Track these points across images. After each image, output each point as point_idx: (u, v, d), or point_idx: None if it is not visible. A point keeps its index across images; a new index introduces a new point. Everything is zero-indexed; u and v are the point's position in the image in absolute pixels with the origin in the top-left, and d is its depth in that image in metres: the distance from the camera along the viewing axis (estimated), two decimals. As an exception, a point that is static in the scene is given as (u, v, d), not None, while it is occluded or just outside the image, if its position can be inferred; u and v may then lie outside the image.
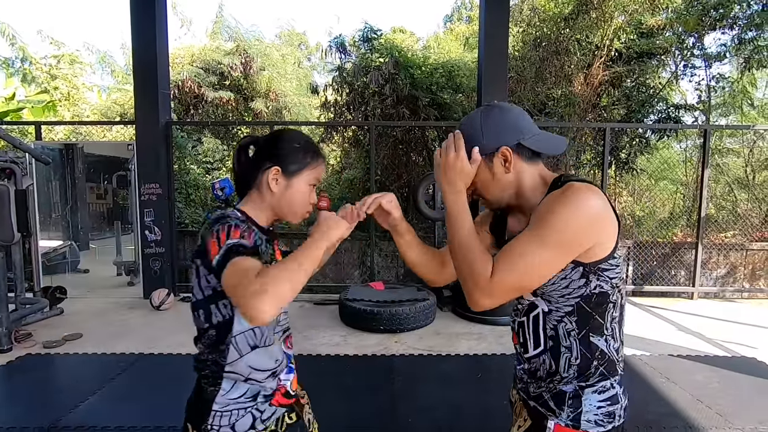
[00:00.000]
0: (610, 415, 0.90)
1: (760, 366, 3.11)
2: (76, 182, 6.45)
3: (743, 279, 5.20)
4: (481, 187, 0.96)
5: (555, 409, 0.92)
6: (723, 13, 6.64)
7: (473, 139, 0.92)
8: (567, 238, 0.82)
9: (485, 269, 0.85)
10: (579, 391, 0.90)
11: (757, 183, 6.74)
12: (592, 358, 0.90)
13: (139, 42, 4.70)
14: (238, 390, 0.98)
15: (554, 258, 0.83)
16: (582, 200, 0.82)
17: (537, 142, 0.92)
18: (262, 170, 1.01)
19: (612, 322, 0.91)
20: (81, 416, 2.39)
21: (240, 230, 0.91)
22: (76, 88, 9.17)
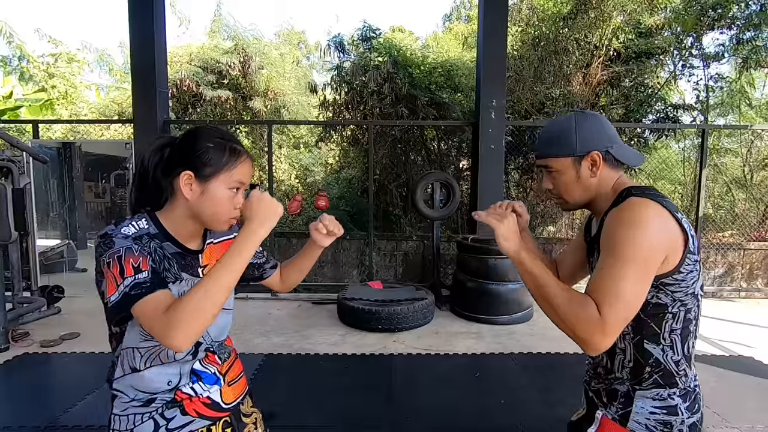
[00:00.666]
0: (665, 425, 0.90)
1: (757, 365, 3.12)
2: (73, 181, 6.44)
3: (741, 279, 5.21)
4: (564, 187, 1.00)
5: (606, 403, 0.96)
6: (721, 13, 6.65)
7: (564, 139, 0.97)
8: (642, 262, 0.84)
9: (592, 313, 0.84)
10: (631, 393, 0.93)
11: (755, 183, 6.76)
12: (645, 363, 0.92)
13: (137, 40, 4.69)
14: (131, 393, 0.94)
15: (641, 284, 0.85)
16: (643, 221, 0.85)
17: (622, 153, 0.97)
18: (174, 176, 0.91)
19: (672, 333, 0.91)
20: (78, 415, 2.39)
21: (133, 256, 0.82)
22: (73, 87, 9.16)
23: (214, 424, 0.99)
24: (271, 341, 3.54)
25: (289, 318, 4.16)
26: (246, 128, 8.31)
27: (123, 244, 0.84)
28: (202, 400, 0.97)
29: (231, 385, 1.04)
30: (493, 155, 4.70)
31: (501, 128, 4.70)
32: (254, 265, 1.16)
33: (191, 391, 0.96)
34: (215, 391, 1.00)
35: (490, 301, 3.97)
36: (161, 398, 0.94)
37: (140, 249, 0.85)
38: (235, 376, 1.07)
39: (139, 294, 0.80)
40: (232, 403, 1.04)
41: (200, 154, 0.90)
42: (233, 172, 0.92)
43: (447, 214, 4.81)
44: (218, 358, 1.02)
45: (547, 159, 1.01)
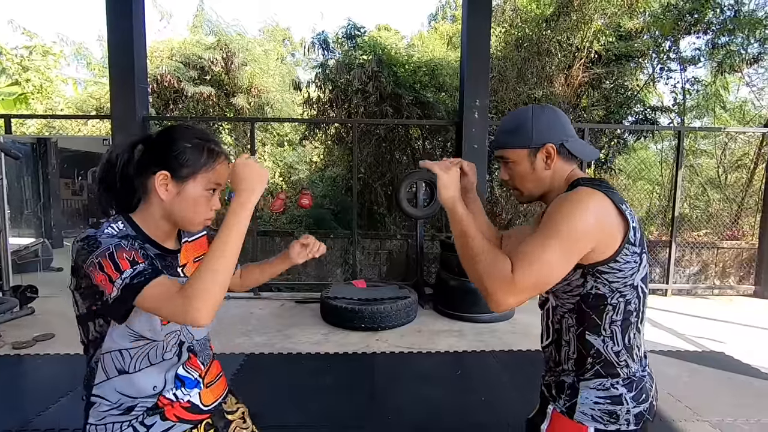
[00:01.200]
0: (611, 415, 0.92)
1: (728, 360, 3.22)
2: (49, 178, 6.26)
3: (714, 276, 5.37)
4: (519, 178, 1.02)
5: (555, 396, 0.98)
6: (697, 18, 6.84)
7: (521, 131, 0.99)
8: (570, 239, 0.86)
9: (505, 268, 0.86)
10: (576, 384, 0.95)
11: (729, 183, 6.97)
12: (587, 354, 0.94)
13: (115, 34, 4.57)
14: (109, 401, 0.91)
15: (563, 259, 0.86)
16: (583, 204, 0.87)
17: (576, 147, 1.00)
18: (147, 175, 0.89)
19: (612, 324, 0.93)
20: (51, 418, 2.33)
21: (125, 251, 0.80)
22: (49, 81, 8.89)
23: (195, 427, 0.98)
24: (252, 341, 3.51)
25: (271, 317, 4.13)
26: (229, 125, 8.20)
27: (111, 242, 0.82)
28: (182, 404, 0.96)
29: (209, 387, 1.03)
30: (477, 154, 4.74)
31: (484, 128, 4.74)
32: None
33: (173, 397, 0.95)
34: (195, 394, 0.99)
35: (473, 300, 4.01)
36: (142, 404, 0.92)
37: (130, 245, 0.83)
38: (214, 378, 1.06)
39: (143, 281, 0.78)
40: (212, 404, 1.03)
41: (177, 154, 0.88)
42: (211, 174, 0.90)
43: (430, 213, 4.83)
44: (200, 362, 1.02)
45: (503, 150, 1.02)
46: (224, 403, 1.09)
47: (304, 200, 5.09)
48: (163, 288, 0.78)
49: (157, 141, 0.92)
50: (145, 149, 0.92)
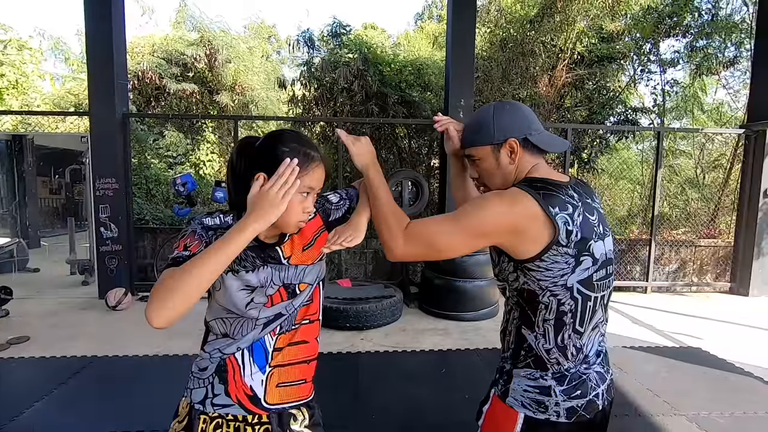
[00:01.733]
0: (539, 404, 0.94)
1: (705, 356, 3.30)
2: (24, 176, 6.09)
3: (692, 274, 5.50)
4: (486, 175, 1.05)
5: (497, 380, 1.04)
6: (677, 21, 7.00)
7: (484, 128, 1.02)
8: (477, 227, 0.92)
9: (402, 222, 0.99)
10: (511, 371, 1.00)
11: (706, 183, 7.15)
12: (519, 347, 0.99)
13: (94, 28, 4.46)
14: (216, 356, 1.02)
15: (462, 238, 0.94)
16: (509, 203, 0.91)
17: (543, 139, 1.01)
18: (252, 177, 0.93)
19: (545, 323, 0.94)
20: (24, 424, 2.26)
21: (191, 238, 0.92)
22: (25, 76, 8.63)
23: (250, 424, 0.99)
24: (235, 341, 3.46)
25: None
26: (213, 123, 8.08)
27: (193, 227, 0.95)
28: (243, 387, 0.99)
29: (281, 387, 1.02)
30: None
31: (469, 127, 4.76)
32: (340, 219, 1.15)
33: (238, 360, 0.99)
34: (258, 382, 0.99)
35: (457, 298, 4.03)
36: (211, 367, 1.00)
37: (202, 235, 0.93)
38: (292, 380, 1.04)
39: (170, 264, 0.87)
40: (275, 406, 1.01)
41: (275, 157, 0.93)
42: (305, 178, 0.93)
43: (416, 212, 4.84)
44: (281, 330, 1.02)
45: (470, 148, 1.05)
46: (294, 419, 1.04)
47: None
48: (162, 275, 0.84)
49: (261, 144, 0.97)
50: (251, 153, 0.97)
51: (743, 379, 2.90)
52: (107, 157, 4.54)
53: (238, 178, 0.97)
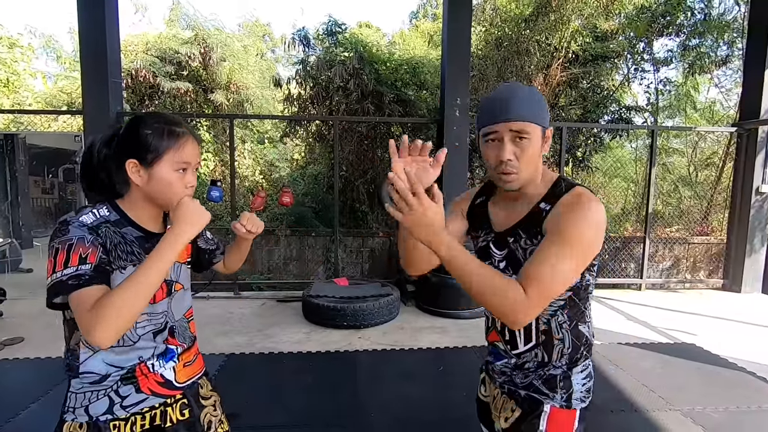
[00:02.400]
0: (589, 391, 0.99)
1: (699, 351, 3.34)
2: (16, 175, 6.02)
3: (686, 271, 5.56)
4: (528, 159, 0.91)
5: (548, 393, 0.95)
6: (670, 20, 7.05)
7: (543, 108, 0.92)
8: (584, 249, 0.87)
9: (517, 293, 0.82)
10: (568, 373, 0.96)
11: (699, 181, 7.23)
12: (580, 344, 0.97)
13: (87, 26, 4.41)
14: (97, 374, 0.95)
15: (577, 267, 0.88)
16: (594, 213, 0.88)
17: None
18: (123, 165, 0.94)
19: (590, 307, 1.00)
20: (21, 425, 2.24)
21: (83, 247, 0.86)
22: (16, 74, 8.53)
23: (169, 405, 1.03)
24: (233, 341, 3.46)
25: (252, 317, 4.08)
26: (207, 122, 8.03)
27: (77, 233, 0.87)
28: (155, 377, 1.00)
29: (186, 366, 1.07)
30: (458, 153, 4.77)
31: (465, 126, 4.78)
32: (205, 250, 1.24)
33: (150, 367, 0.99)
34: (169, 369, 1.03)
35: (455, 296, 4.04)
36: (115, 374, 0.96)
37: (93, 240, 0.88)
38: (190, 358, 1.10)
39: (76, 285, 0.83)
40: (185, 382, 1.06)
41: (141, 140, 0.93)
42: (176, 154, 0.95)
43: (412, 210, 4.84)
44: (180, 342, 1.06)
45: (524, 123, 0.89)
46: (201, 387, 1.12)
47: (285, 198, 5.02)
48: (84, 298, 0.83)
49: (124, 132, 0.97)
50: (117, 142, 0.97)
51: (736, 374, 2.94)
52: (101, 157, 4.50)
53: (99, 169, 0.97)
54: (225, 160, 7.84)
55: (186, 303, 1.10)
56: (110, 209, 0.96)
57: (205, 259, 1.24)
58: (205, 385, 1.15)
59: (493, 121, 0.91)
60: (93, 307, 0.82)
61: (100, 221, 0.93)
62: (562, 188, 0.94)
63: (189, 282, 1.11)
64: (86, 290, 0.83)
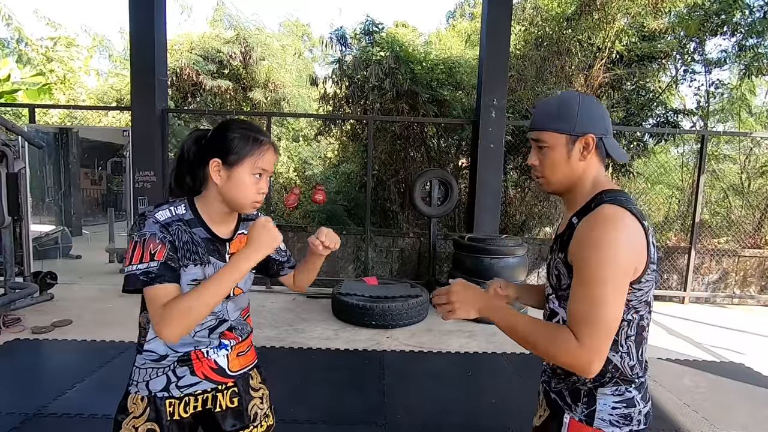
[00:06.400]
0: (626, 417, 0.93)
1: (747, 372, 3.14)
2: (69, 167, 6.39)
3: (734, 285, 5.24)
4: (550, 165, 0.96)
5: (571, 404, 0.96)
6: (724, 19, 6.64)
7: (566, 115, 0.93)
8: (619, 279, 0.84)
9: (571, 343, 0.84)
10: (594, 391, 0.94)
11: (752, 190, 6.78)
12: (606, 369, 0.92)
13: (137, 27, 4.63)
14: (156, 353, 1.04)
15: (619, 301, 0.85)
16: (616, 234, 0.84)
17: (612, 145, 0.96)
18: (206, 163, 1.01)
19: (627, 339, 0.92)
20: (68, 403, 2.38)
21: (153, 243, 0.94)
22: (72, 72, 9.07)
23: (220, 391, 1.09)
24: (264, 334, 3.54)
25: (283, 311, 4.16)
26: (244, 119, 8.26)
27: (151, 229, 0.96)
28: (209, 363, 1.07)
29: (239, 356, 1.13)
30: (493, 154, 4.69)
31: (501, 128, 4.69)
32: (276, 261, 1.26)
33: (205, 353, 1.06)
34: (222, 357, 1.08)
35: (485, 301, 3.97)
36: (173, 355, 1.04)
37: (163, 237, 0.96)
38: (244, 348, 1.15)
39: (146, 281, 0.93)
40: (238, 371, 1.12)
41: (227, 143, 1.01)
42: (256, 160, 1.01)
43: (445, 212, 4.80)
44: (237, 335, 1.13)
45: (542, 132, 0.96)
46: (251, 378, 1.18)
47: (318, 196, 5.10)
48: (154, 295, 0.92)
49: (213, 133, 1.05)
50: (206, 141, 1.05)
51: (790, 398, 2.74)
52: (146, 151, 4.71)
53: (186, 165, 1.05)
54: (261, 156, 8.03)
55: (242, 304, 1.15)
56: (187, 207, 1.03)
57: (273, 269, 1.27)
58: (256, 376, 1.20)
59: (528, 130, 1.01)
60: (164, 306, 0.91)
61: (174, 218, 1.00)
62: (595, 203, 0.92)
63: (249, 285, 1.16)
64: (158, 288, 0.92)
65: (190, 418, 1.06)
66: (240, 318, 1.14)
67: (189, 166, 1.06)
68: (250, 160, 1.00)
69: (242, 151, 1.00)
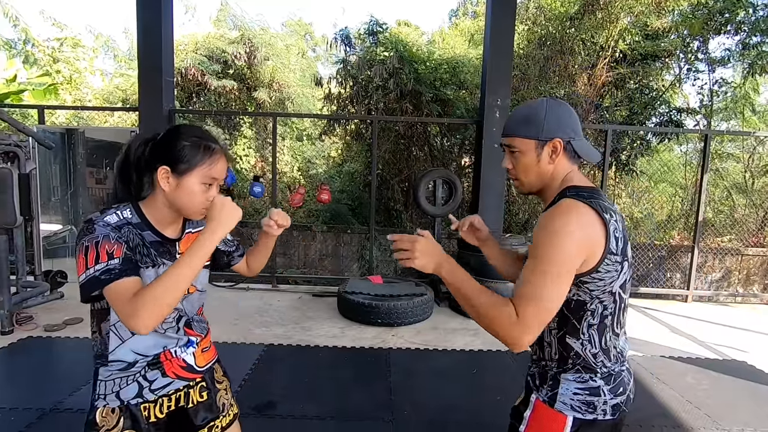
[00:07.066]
0: (589, 405, 0.97)
1: (750, 370, 3.17)
2: (77, 167, 6.46)
3: (737, 283, 5.26)
4: (522, 168, 1.04)
5: (539, 386, 1.03)
6: (728, 17, 6.65)
7: (534, 121, 1.00)
8: (565, 264, 0.89)
9: (509, 315, 0.89)
10: (557, 376, 1.00)
11: (756, 189, 6.79)
12: (567, 356, 0.99)
13: (145, 28, 4.68)
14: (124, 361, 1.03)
15: (561, 284, 0.90)
16: (567, 222, 0.90)
17: (582, 147, 1.02)
18: (153, 169, 0.99)
19: (590, 328, 0.97)
20: (83, 399, 2.43)
21: (109, 243, 0.92)
22: (78, 72, 9.13)
23: (191, 387, 1.12)
24: (271, 332, 3.59)
25: (289, 309, 4.21)
26: (250, 119, 8.31)
27: (102, 232, 0.93)
28: (178, 362, 1.09)
29: (204, 352, 1.17)
30: (496, 154, 4.72)
31: (505, 127, 4.71)
32: (224, 252, 1.28)
33: (173, 353, 1.08)
34: (189, 354, 1.11)
35: (489, 299, 4.01)
36: (142, 360, 1.03)
37: (117, 237, 0.94)
38: (207, 345, 1.19)
39: (109, 279, 0.90)
40: (204, 366, 1.16)
41: (177, 151, 0.98)
42: (207, 169, 1.00)
43: (448, 211, 4.84)
44: (197, 332, 1.15)
45: (512, 138, 1.03)
46: (215, 372, 1.22)
47: (324, 195, 5.15)
48: (120, 290, 0.89)
49: (162, 139, 1.02)
50: (153, 146, 1.02)
51: (792, 396, 2.77)
52: (154, 151, 4.76)
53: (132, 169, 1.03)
54: (265, 156, 8.09)
55: (197, 303, 1.15)
56: (132, 211, 1.01)
57: (223, 261, 1.28)
58: (219, 369, 1.25)
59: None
60: (134, 296, 0.88)
61: (123, 222, 0.98)
62: (558, 197, 0.99)
63: (205, 282, 1.16)
64: (121, 282, 0.90)
65: (165, 418, 1.07)
66: (197, 315, 1.16)
67: (135, 169, 1.03)
68: (200, 170, 0.98)
69: (193, 160, 0.98)
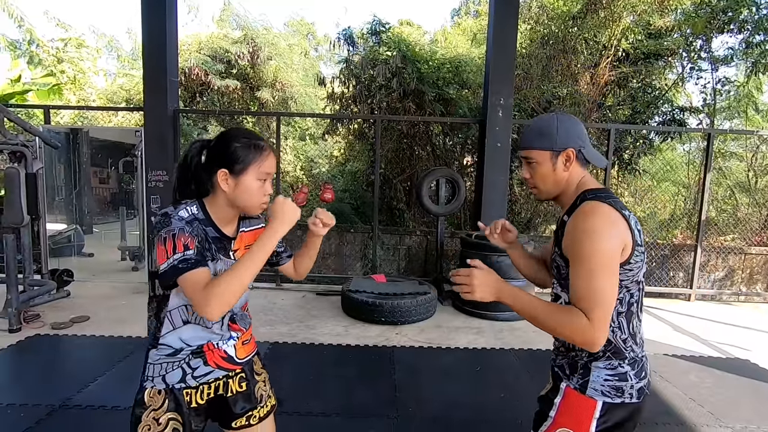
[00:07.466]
0: (618, 390, 1.05)
1: (753, 368, 3.18)
2: (81, 167, 6.49)
3: (740, 282, 5.26)
4: (540, 178, 1.13)
5: (569, 375, 1.10)
6: (731, 16, 6.63)
7: (547, 134, 1.10)
8: (610, 261, 0.98)
9: (581, 321, 0.96)
10: (588, 365, 1.07)
11: (759, 188, 6.78)
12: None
13: (149, 29, 4.71)
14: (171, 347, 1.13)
15: (613, 279, 0.98)
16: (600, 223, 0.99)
17: (590, 153, 1.12)
18: (213, 172, 1.09)
19: (619, 316, 1.05)
20: (91, 396, 2.46)
21: (184, 236, 1.01)
22: (82, 72, 9.17)
23: (230, 377, 1.21)
24: (276, 330, 3.62)
25: (293, 308, 4.23)
26: (252, 119, 8.33)
27: (178, 225, 1.03)
28: (220, 353, 1.18)
29: (244, 344, 1.25)
30: (499, 153, 4.74)
31: (508, 127, 4.73)
32: (274, 252, 1.31)
33: (215, 345, 1.17)
34: (231, 346, 1.20)
35: (492, 298, 4.02)
36: (187, 349, 1.13)
37: (191, 231, 1.04)
38: (247, 338, 1.28)
39: (185, 268, 0.99)
40: (244, 359, 1.25)
41: (231, 153, 1.08)
42: (260, 166, 1.09)
43: (451, 210, 4.86)
44: (241, 326, 1.23)
45: (530, 150, 1.13)
46: (254, 364, 1.31)
47: (327, 194, 5.17)
48: (195, 279, 0.98)
49: (215, 144, 1.13)
50: (209, 152, 1.13)
51: (795, 394, 2.78)
52: (159, 151, 4.80)
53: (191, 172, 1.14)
54: (268, 155, 8.10)
55: (243, 299, 1.24)
56: (199, 208, 1.11)
57: (272, 259, 1.34)
58: (258, 362, 1.33)
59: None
60: (206, 287, 0.97)
61: (192, 217, 1.08)
62: (579, 200, 1.08)
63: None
64: (196, 272, 0.99)
65: (206, 404, 1.17)
66: (241, 311, 1.25)
67: (194, 173, 1.14)
68: (254, 167, 1.08)
69: (246, 160, 1.07)
